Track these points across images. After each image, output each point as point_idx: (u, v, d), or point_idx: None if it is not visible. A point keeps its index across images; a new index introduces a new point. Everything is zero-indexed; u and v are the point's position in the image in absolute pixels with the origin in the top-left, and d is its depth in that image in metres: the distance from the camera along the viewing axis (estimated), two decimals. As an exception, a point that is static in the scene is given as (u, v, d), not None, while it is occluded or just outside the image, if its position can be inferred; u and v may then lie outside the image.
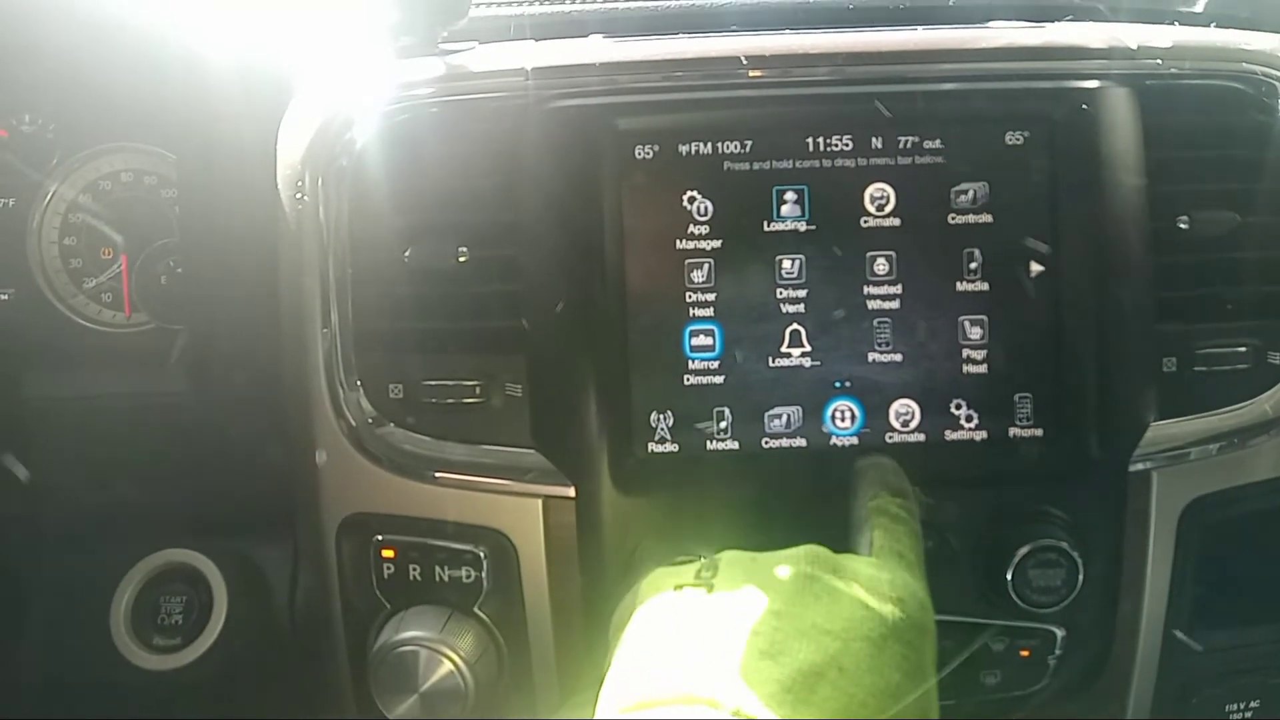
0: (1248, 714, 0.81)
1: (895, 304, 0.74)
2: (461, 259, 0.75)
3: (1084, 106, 0.73)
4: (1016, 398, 0.74)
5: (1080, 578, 0.72)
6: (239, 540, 0.90)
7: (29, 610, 0.92)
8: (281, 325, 0.78)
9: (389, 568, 0.76)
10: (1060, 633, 0.76)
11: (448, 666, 0.73)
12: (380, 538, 0.76)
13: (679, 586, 0.57)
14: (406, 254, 0.75)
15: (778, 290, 0.74)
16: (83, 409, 0.90)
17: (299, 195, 0.76)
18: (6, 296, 0.92)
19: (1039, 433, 0.75)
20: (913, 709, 0.52)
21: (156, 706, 0.88)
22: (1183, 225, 0.75)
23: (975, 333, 0.74)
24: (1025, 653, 0.76)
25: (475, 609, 0.76)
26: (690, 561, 0.61)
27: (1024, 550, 0.72)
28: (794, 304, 0.74)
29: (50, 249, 0.93)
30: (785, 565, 0.57)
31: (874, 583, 0.56)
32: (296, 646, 0.88)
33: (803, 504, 0.74)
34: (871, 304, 0.74)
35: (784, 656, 0.50)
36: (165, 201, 0.93)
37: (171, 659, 0.87)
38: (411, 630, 0.73)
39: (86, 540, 0.90)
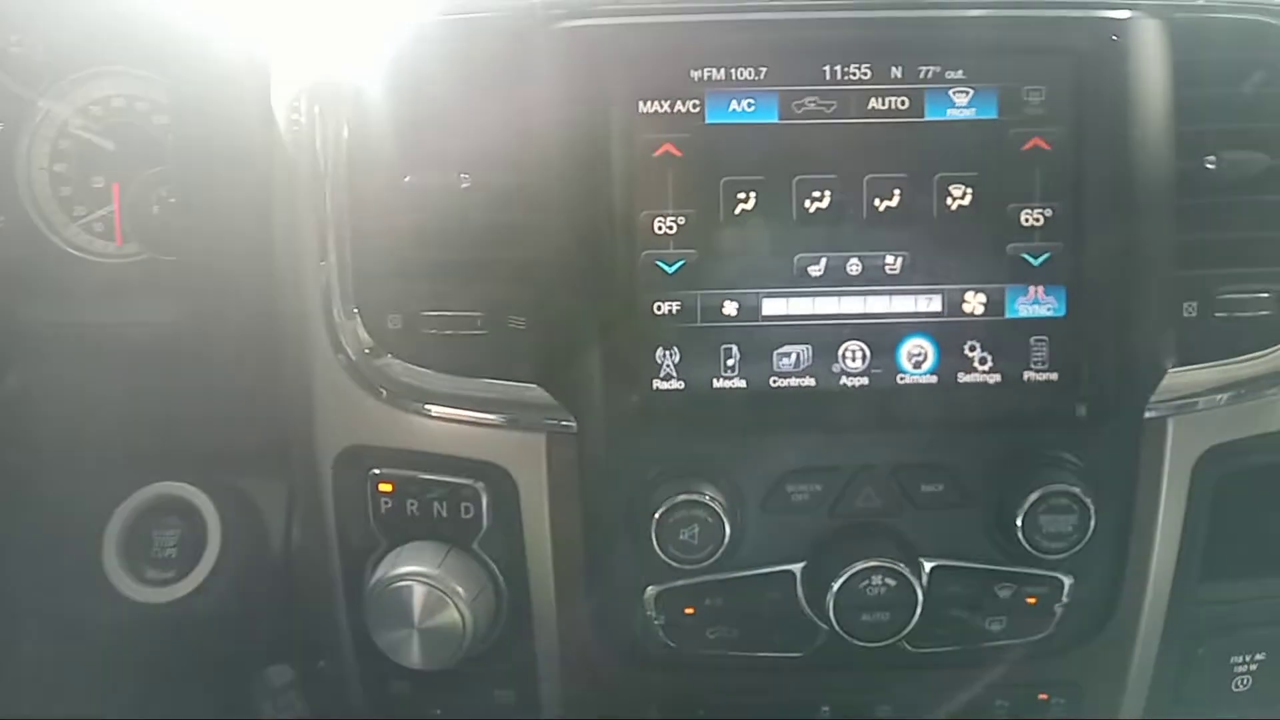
0: (1253, 666, 0.80)
1: (911, 242, 0.72)
2: (464, 185, 0.72)
3: (1114, 38, 0.71)
4: (1032, 340, 0.73)
5: (1091, 524, 0.71)
6: (233, 473, 0.89)
7: (18, 542, 0.91)
8: (277, 253, 0.76)
9: (386, 502, 0.75)
10: (1068, 580, 0.74)
11: (446, 603, 0.72)
12: (377, 471, 0.75)
13: None
14: (406, 179, 0.73)
15: (791, 225, 0.72)
16: (75, 338, 0.89)
17: (296, 119, 0.74)
18: (-3, 224, 0.90)
19: (1054, 377, 0.73)
20: None
21: (148, 639, 0.88)
22: (1210, 165, 0.73)
23: (992, 272, 0.72)
24: (1032, 600, 0.75)
25: (474, 546, 0.75)
26: None
27: (1035, 495, 0.70)
28: (807, 240, 0.72)
29: (40, 175, 0.91)
30: None
31: None
32: (291, 581, 0.87)
33: (809, 443, 0.73)
34: (886, 242, 0.72)
35: None
36: (157, 128, 0.90)
37: (164, 592, 0.86)
38: (409, 566, 0.72)
39: (77, 472, 0.89)
